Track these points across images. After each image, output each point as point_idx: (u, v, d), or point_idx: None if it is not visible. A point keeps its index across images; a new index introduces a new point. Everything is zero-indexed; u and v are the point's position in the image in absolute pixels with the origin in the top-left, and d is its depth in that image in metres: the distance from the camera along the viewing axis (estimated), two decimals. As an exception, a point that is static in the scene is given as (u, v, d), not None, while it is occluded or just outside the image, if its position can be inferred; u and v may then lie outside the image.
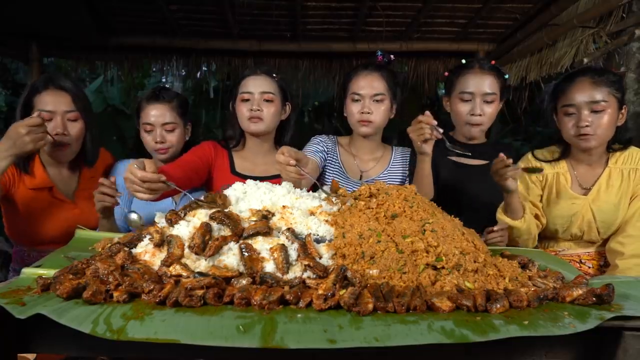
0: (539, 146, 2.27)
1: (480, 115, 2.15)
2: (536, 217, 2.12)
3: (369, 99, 2.23)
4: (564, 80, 2.05)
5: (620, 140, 2.08)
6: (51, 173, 2.15)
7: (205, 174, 2.24)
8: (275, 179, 2.33)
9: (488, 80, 2.14)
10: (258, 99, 2.20)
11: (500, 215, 2.03)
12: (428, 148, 1.99)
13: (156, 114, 2.21)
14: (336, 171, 2.40)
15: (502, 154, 1.90)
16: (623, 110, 1.99)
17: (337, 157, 2.42)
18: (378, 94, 2.23)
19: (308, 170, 1.75)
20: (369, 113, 2.22)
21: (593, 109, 1.93)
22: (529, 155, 2.20)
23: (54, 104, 2.02)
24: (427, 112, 1.93)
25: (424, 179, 2.07)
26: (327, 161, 2.40)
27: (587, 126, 1.93)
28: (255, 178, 1.82)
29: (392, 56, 2.41)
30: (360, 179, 2.37)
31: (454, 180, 2.26)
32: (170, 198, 2.28)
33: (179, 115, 2.27)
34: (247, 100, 2.22)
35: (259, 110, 2.19)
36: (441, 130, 1.93)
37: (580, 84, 1.97)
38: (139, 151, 2.41)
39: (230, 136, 2.39)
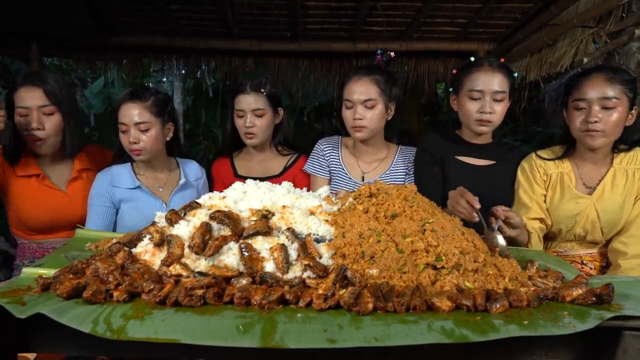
0: (539, 146, 2.26)
1: (490, 113, 2.14)
2: (541, 220, 2.11)
3: (360, 105, 2.24)
4: (578, 75, 2.04)
5: (626, 141, 2.07)
6: (42, 162, 2.22)
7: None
8: (273, 178, 2.39)
9: (498, 78, 2.12)
10: (250, 116, 2.42)
11: None
12: None
13: (129, 113, 2.14)
14: (339, 173, 2.42)
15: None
16: (633, 111, 1.98)
17: (339, 159, 2.45)
18: (368, 99, 2.23)
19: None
20: (360, 119, 2.24)
21: (604, 106, 1.92)
22: (533, 155, 2.20)
23: (28, 99, 2.09)
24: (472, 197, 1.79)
25: None
26: (331, 165, 2.45)
27: (596, 122, 1.93)
28: (254, 178, 1.88)
29: (392, 53, 2.39)
30: (362, 180, 2.37)
31: (460, 180, 2.25)
32: (160, 200, 2.28)
33: (155, 115, 2.17)
34: (242, 116, 2.45)
35: (251, 126, 2.43)
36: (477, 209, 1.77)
37: (595, 79, 1.96)
38: (125, 155, 2.32)
39: (230, 144, 2.63)
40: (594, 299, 1.18)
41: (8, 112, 2.08)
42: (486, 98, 2.12)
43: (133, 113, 2.14)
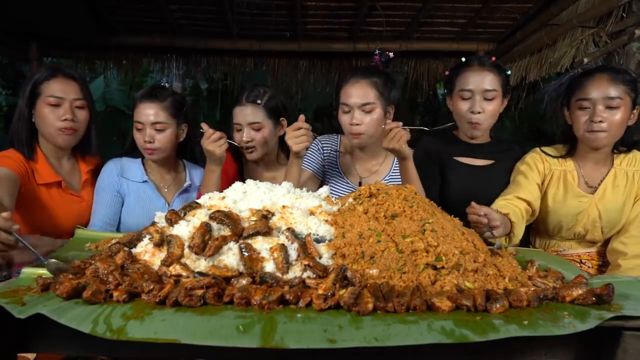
0: (537, 145, 2.26)
1: (480, 112, 2.14)
2: (528, 204, 2.06)
3: (357, 109, 2.15)
4: (581, 75, 2.05)
5: (627, 142, 2.07)
6: (55, 167, 2.16)
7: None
8: None
9: (488, 77, 2.12)
10: (247, 129, 2.31)
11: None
12: (406, 147, 2.02)
13: (147, 112, 2.17)
14: (335, 175, 2.36)
15: (391, 123, 2.00)
16: (635, 111, 1.99)
17: (336, 161, 2.38)
18: (366, 103, 2.13)
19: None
20: (358, 125, 2.15)
21: (608, 105, 1.93)
22: (538, 149, 2.20)
23: (62, 91, 2.07)
24: (387, 121, 2.02)
25: (413, 181, 2.07)
26: (327, 164, 2.39)
27: (600, 122, 1.93)
28: None
29: (390, 54, 2.33)
30: (359, 185, 2.33)
31: (459, 181, 2.25)
32: (163, 200, 2.28)
33: (171, 116, 2.21)
34: (240, 130, 2.34)
35: (249, 141, 2.31)
36: (402, 123, 1.99)
37: (599, 79, 1.97)
38: (136, 150, 2.37)
39: (236, 154, 2.53)
40: (594, 299, 1.18)
41: (27, 105, 2.07)
42: (476, 97, 2.13)
43: (150, 112, 2.17)
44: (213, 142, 2.05)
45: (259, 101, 2.30)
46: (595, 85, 1.96)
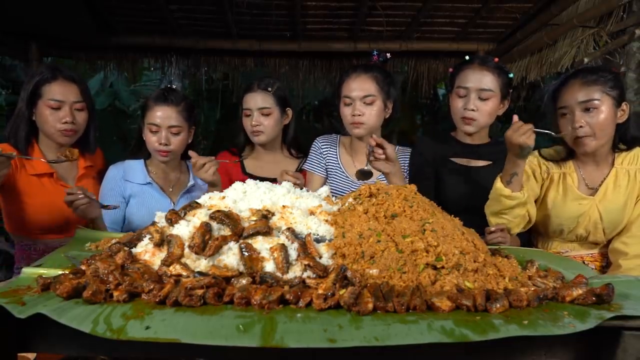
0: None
1: (473, 110, 2.13)
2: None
3: (359, 101, 2.24)
4: (560, 83, 2.05)
5: (624, 139, 2.06)
6: (50, 159, 2.19)
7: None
8: None
9: (487, 77, 2.12)
10: (257, 114, 2.44)
11: (498, 184, 1.94)
12: (384, 165, 2.05)
13: (163, 115, 2.21)
14: (336, 172, 2.42)
15: (515, 117, 1.92)
16: (624, 107, 1.97)
17: (337, 157, 2.45)
18: (368, 95, 2.24)
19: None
20: (360, 115, 2.24)
21: (585, 108, 1.93)
22: (536, 153, 2.19)
23: (63, 94, 2.12)
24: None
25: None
26: (328, 163, 2.43)
27: (581, 127, 1.93)
28: (263, 178, 1.92)
29: (388, 55, 2.42)
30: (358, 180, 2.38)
31: (457, 181, 2.25)
32: (168, 199, 2.30)
33: (185, 119, 2.27)
34: (249, 115, 2.47)
35: (258, 125, 2.44)
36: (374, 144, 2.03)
37: (571, 85, 1.98)
38: (141, 151, 2.39)
39: (240, 144, 2.65)
40: (593, 298, 1.18)
41: (27, 106, 2.12)
42: (471, 95, 2.13)
43: (167, 115, 2.22)
44: (199, 169, 2.11)
45: (269, 89, 2.45)
46: (569, 92, 1.97)
